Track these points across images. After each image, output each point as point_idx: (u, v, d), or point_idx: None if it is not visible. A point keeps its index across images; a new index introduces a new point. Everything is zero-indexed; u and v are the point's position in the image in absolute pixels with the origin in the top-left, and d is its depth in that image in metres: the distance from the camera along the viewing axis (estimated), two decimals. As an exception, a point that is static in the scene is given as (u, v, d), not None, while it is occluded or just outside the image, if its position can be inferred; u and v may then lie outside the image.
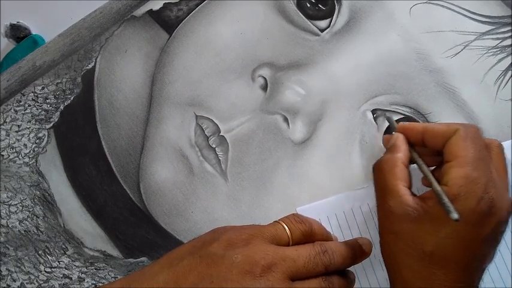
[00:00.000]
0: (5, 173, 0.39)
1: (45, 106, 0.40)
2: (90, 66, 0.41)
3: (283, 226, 0.30)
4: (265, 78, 0.38)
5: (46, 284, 0.36)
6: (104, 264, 0.37)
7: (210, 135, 0.38)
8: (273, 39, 0.40)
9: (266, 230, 0.29)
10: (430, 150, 0.31)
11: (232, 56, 0.39)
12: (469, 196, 0.27)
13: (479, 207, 0.27)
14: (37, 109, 0.40)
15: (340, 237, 0.34)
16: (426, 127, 0.31)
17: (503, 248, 0.34)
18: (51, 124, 0.40)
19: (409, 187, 0.30)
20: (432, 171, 0.30)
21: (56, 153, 0.39)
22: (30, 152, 0.39)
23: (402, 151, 0.31)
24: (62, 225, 0.38)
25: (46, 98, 0.40)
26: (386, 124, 0.37)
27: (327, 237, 0.31)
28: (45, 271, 0.37)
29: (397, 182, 0.29)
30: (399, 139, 0.32)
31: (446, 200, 0.27)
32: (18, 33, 0.75)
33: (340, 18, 0.39)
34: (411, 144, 0.32)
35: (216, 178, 0.37)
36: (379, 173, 0.31)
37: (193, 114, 0.38)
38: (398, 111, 0.37)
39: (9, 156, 0.39)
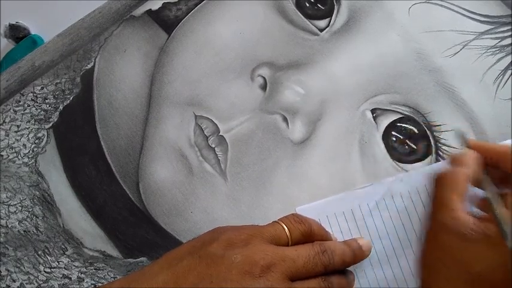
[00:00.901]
0: (4, 173, 0.39)
1: (44, 106, 0.40)
2: (89, 66, 0.41)
3: (282, 226, 0.30)
4: (264, 78, 0.38)
5: (45, 284, 0.36)
6: (103, 265, 0.37)
7: (210, 135, 0.38)
8: (272, 38, 0.40)
9: (265, 230, 0.29)
10: (501, 172, 0.30)
11: (231, 55, 0.39)
12: None
13: None
14: (36, 109, 0.40)
15: (339, 237, 0.34)
16: (502, 149, 0.30)
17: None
18: (51, 124, 0.40)
19: (467, 205, 0.29)
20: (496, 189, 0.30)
21: (56, 154, 0.39)
22: (29, 152, 0.39)
23: (469, 167, 0.30)
24: (62, 226, 0.38)
25: (45, 98, 0.40)
26: (386, 123, 0.37)
27: (326, 237, 0.31)
28: (44, 271, 0.36)
29: (455, 196, 0.29)
30: (470, 156, 0.31)
31: (507, 227, 0.26)
32: (18, 34, 0.75)
33: (339, 17, 0.39)
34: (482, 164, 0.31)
35: (216, 178, 0.37)
36: (439, 184, 0.30)
37: (192, 114, 0.38)
38: (398, 110, 0.37)
39: (8, 156, 0.39)
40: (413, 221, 0.34)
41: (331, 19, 0.39)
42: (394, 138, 0.37)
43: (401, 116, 0.37)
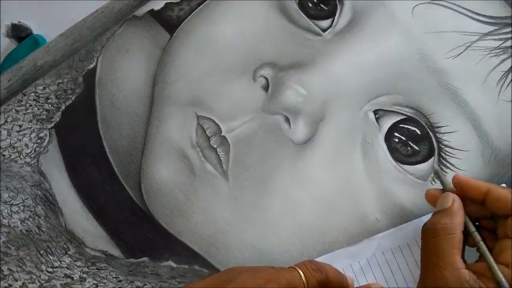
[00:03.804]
0: (6, 173, 0.39)
1: (46, 106, 0.40)
2: (91, 66, 0.41)
3: (299, 273, 0.29)
4: (266, 78, 0.38)
5: (48, 284, 0.36)
6: (105, 264, 0.37)
7: (212, 136, 0.37)
8: (274, 39, 0.39)
9: (282, 275, 0.29)
10: (489, 211, 0.31)
11: (233, 56, 0.39)
12: None
13: None
14: (38, 109, 0.40)
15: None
16: (490, 189, 0.30)
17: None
18: (53, 124, 0.40)
19: (463, 258, 0.29)
20: (478, 227, 0.30)
21: (58, 153, 0.39)
22: (31, 151, 0.39)
23: (459, 217, 0.30)
24: (64, 225, 0.38)
25: (47, 98, 0.40)
26: (388, 124, 0.37)
27: (342, 284, 0.31)
28: (46, 271, 0.37)
29: (454, 251, 0.29)
30: (457, 203, 0.31)
31: (504, 283, 0.27)
32: (20, 33, 0.75)
33: (342, 18, 0.39)
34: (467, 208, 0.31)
35: (217, 178, 0.37)
36: (435, 238, 0.30)
37: (194, 115, 0.38)
38: (401, 111, 0.37)
39: (10, 156, 0.39)
40: (406, 276, 0.33)
41: (334, 19, 0.39)
42: (396, 140, 0.37)
43: (404, 117, 0.37)
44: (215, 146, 0.37)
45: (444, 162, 0.36)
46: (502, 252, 0.29)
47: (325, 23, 0.39)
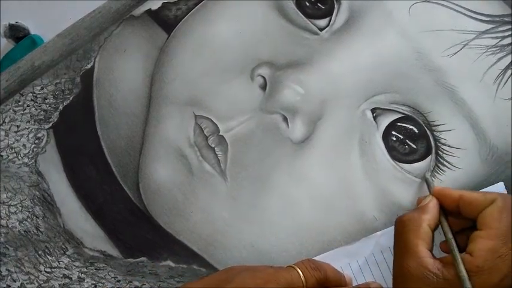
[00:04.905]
0: (4, 174, 0.39)
1: (44, 106, 0.40)
2: (89, 66, 0.41)
3: (298, 272, 0.30)
4: (264, 78, 0.38)
5: (46, 284, 0.36)
6: (103, 265, 0.37)
7: (209, 135, 0.37)
8: (272, 38, 0.39)
9: (281, 275, 0.29)
10: (465, 218, 0.31)
11: (231, 55, 0.39)
12: (493, 271, 0.27)
13: (503, 284, 0.27)
14: (36, 109, 0.40)
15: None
16: (462, 195, 0.31)
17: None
18: (50, 124, 0.40)
19: (430, 249, 0.30)
20: (455, 234, 0.31)
21: (56, 154, 0.39)
22: (29, 152, 0.39)
23: (430, 213, 0.31)
24: (62, 226, 0.38)
25: (45, 98, 0.40)
26: (386, 123, 0.37)
27: (340, 282, 0.32)
28: (45, 271, 0.37)
29: (418, 242, 0.29)
30: (432, 202, 0.32)
31: (464, 274, 0.27)
32: (17, 33, 0.75)
33: (340, 17, 0.39)
34: (444, 211, 0.32)
35: (216, 178, 0.37)
36: (402, 229, 0.31)
37: (192, 114, 0.38)
38: (398, 110, 0.37)
39: (8, 156, 0.39)
40: None
41: (331, 18, 0.39)
42: (394, 138, 0.37)
43: (401, 115, 0.37)
44: (213, 146, 0.37)
45: (441, 160, 0.36)
46: (470, 243, 0.29)
47: (322, 22, 0.39)
